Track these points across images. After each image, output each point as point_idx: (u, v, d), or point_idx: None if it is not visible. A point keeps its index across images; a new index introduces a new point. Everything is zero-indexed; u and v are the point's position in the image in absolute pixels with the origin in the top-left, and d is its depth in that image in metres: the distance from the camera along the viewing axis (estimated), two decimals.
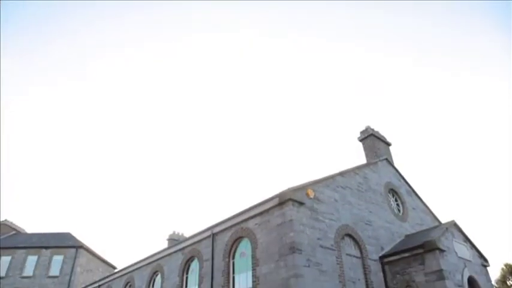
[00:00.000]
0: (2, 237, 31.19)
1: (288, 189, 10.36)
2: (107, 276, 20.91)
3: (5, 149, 73.34)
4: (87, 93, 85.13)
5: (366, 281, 11.30)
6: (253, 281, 10.39)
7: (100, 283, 20.95)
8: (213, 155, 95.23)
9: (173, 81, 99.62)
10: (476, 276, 12.26)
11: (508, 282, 39.35)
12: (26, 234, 33.71)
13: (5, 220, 33.15)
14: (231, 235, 11.97)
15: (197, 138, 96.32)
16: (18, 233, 33.48)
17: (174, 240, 23.95)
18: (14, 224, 33.74)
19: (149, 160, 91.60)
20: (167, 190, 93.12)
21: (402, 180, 16.57)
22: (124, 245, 79.28)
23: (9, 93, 77.93)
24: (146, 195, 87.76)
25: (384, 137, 17.23)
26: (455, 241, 12.33)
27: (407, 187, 16.66)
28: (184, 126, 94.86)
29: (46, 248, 29.13)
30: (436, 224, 16.11)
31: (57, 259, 28.72)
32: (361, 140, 16.93)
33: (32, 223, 73.89)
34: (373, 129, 16.84)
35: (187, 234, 23.88)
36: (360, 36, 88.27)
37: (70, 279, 27.79)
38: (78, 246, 29.55)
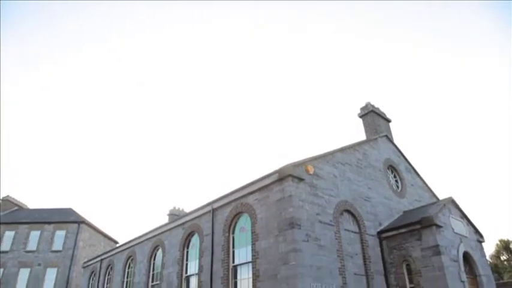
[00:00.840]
0: (4, 212, 31.50)
1: (288, 165, 10.34)
2: (109, 251, 21.27)
3: (6, 128, 73.15)
4: (90, 80, 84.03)
5: (364, 256, 11.49)
6: (252, 255, 10.56)
7: (102, 257, 21.33)
8: (214, 132, 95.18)
9: (174, 66, 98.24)
10: (471, 252, 12.45)
11: (501, 257, 40.26)
12: (29, 209, 34.04)
13: (7, 196, 33.37)
14: (230, 210, 12.06)
15: (198, 115, 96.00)
16: (20, 208, 33.78)
17: (174, 215, 24.14)
18: (16, 200, 34.01)
19: (150, 136, 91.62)
20: (168, 166, 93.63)
21: (401, 157, 16.56)
22: (125, 220, 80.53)
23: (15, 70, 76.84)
24: (147, 171, 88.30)
25: (384, 114, 17.09)
26: (452, 217, 12.44)
27: (407, 164, 16.67)
28: (186, 104, 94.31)
29: (49, 223, 29.52)
30: (434, 200, 16.22)
31: (60, 234, 29.18)
32: (361, 117, 16.81)
33: (33, 199, 74.72)
34: (373, 106, 16.66)
35: (187, 210, 24.10)
36: (362, 18, 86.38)
37: (73, 254, 28.36)
38: (80, 222, 29.94)
